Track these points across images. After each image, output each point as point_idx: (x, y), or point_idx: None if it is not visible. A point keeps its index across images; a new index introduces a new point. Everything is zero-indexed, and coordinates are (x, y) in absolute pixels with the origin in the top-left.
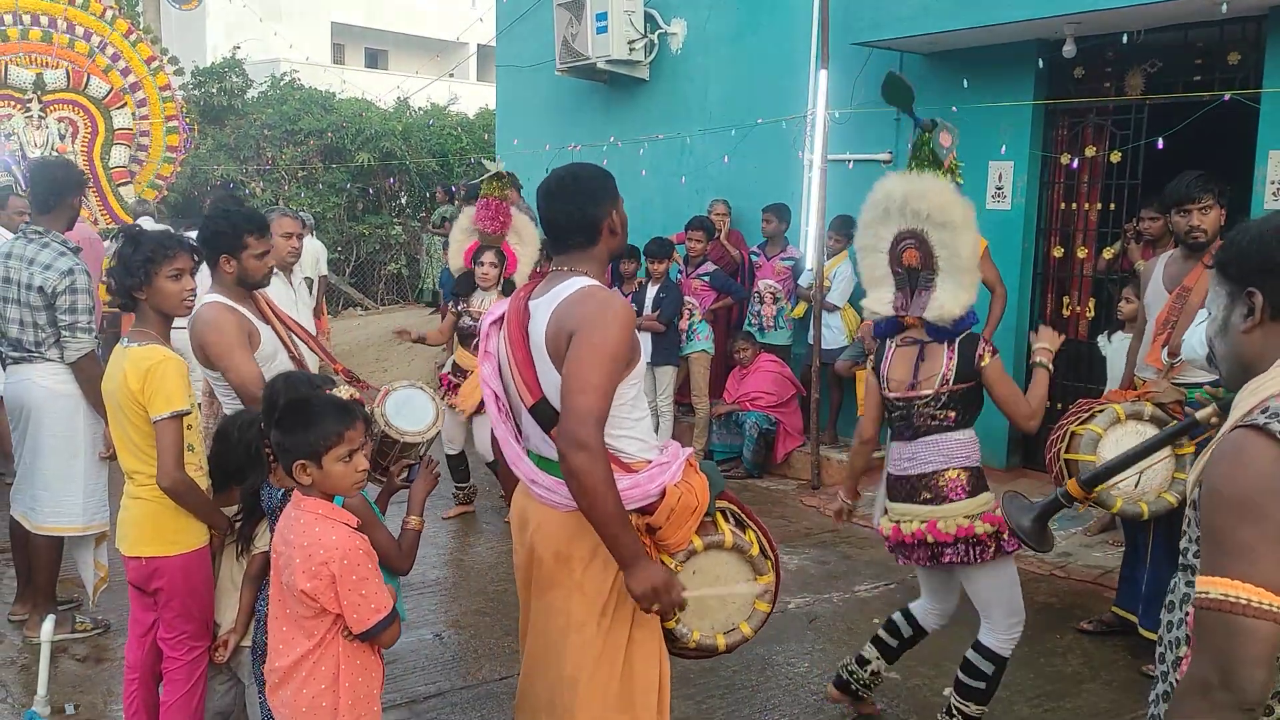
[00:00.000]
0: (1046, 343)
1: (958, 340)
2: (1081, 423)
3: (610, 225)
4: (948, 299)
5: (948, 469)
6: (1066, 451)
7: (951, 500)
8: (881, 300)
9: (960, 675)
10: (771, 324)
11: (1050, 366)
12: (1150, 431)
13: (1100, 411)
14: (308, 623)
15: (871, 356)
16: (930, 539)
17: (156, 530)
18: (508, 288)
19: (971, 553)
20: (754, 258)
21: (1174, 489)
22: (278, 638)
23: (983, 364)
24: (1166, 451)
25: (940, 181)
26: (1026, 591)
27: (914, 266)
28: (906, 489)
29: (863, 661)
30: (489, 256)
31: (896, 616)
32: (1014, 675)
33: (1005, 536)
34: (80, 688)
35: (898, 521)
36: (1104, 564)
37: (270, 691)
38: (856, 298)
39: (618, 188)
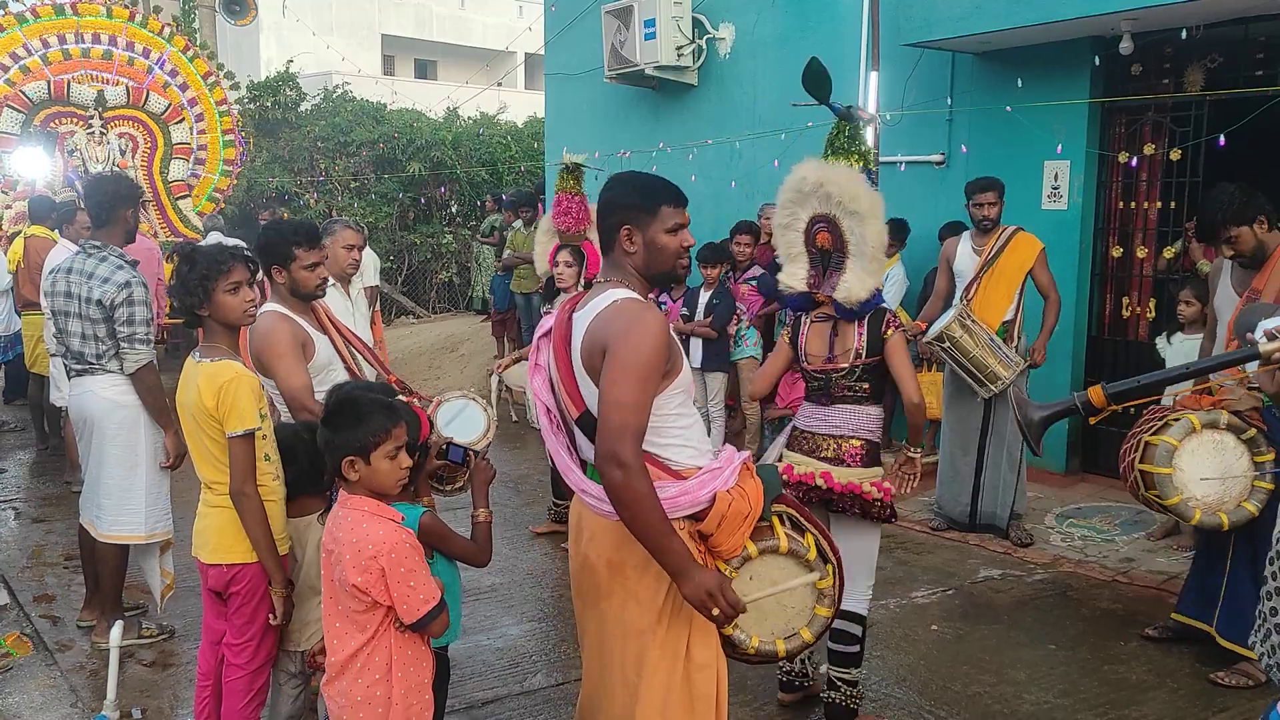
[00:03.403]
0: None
1: (867, 317)
2: (1155, 432)
3: (622, 237)
4: (855, 282)
5: (852, 437)
6: (1141, 461)
7: (847, 465)
8: (796, 276)
9: (834, 646)
10: None
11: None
12: (1228, 439)
13: (1175, 421)
14: (360, 617)
15: (927, 359)
16: (821, 483)
17: (237, 537)
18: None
19: (857, 506)
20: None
21: (1254, 498)
22: (332, 634)
23: (886, 334)
24: (1246, 463)
25: (850, 170)
26: (1088, 597)
27: (826, 248)
28: (809, 444)
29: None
30: (565, 256)
31: None
32: (1077, 683)
33: (878, 508)
34: (147, 692)
35: (791, 464)
36: (1168, 570)
37: (326, 684)
38: (909, 301)
39: (661, 206)
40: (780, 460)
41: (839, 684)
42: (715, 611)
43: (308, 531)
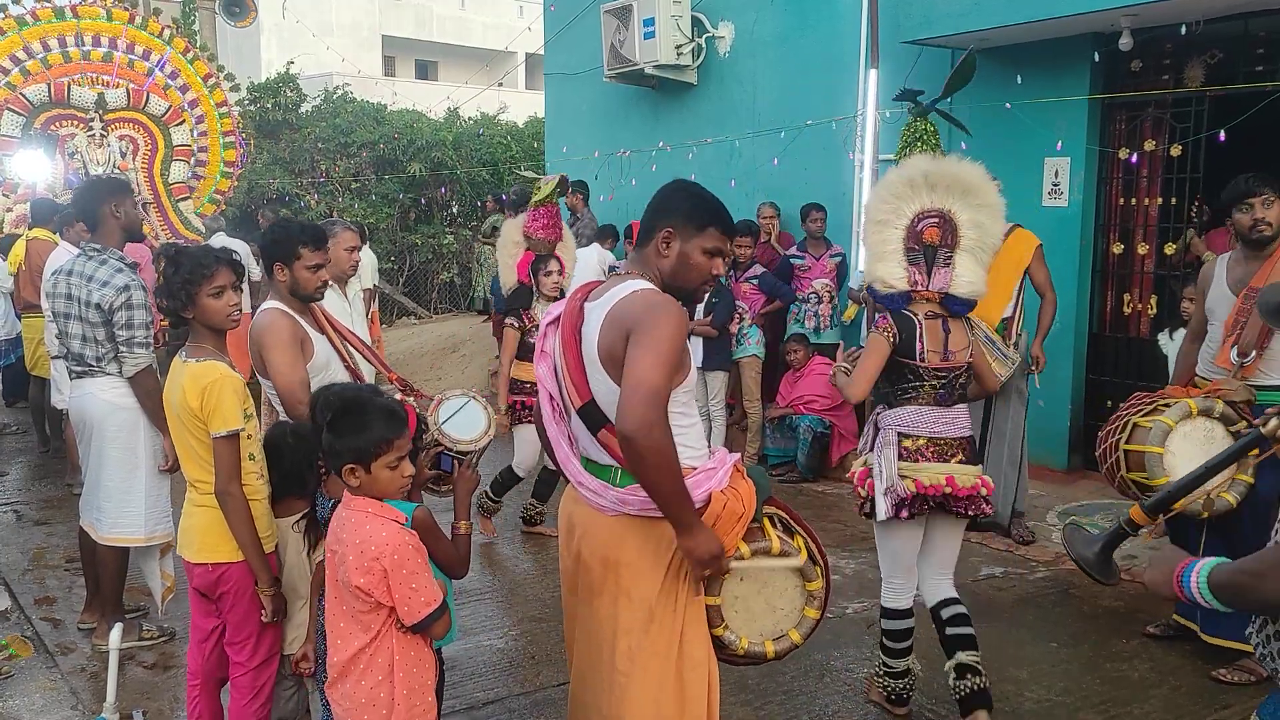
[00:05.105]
0: None
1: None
2: (1146, 414)
3: (660, 239)
4: (974, 276)
5: (970, 435)
6: (1127, 442)
7: (970, 464)
8: (894, 274)
9: (960, 630)
10: (828, 324)
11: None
12: (1218, 430)
13: (1171, 404)
14: (363, 617)
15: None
16: (948, 489)
17: (223, 536)
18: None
19: (981, 506)
20: (797, 260)
21: (1234, 489)
22: (335, 634)
23: (975, 332)
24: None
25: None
26: (1091, 596)
27: (933, 243)
28: (941, 450)
29: (902, 674)
30: (555, 264)
31: (894, 625)
32: (1080, 680)
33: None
34: (148, 694)
35: (915, 477)
36: None
37: (329, 686)
38: None
39: (709, 227)
40: (901, 478)
41: (978, 668)
42: (708, 571)
43: (288, 533)
